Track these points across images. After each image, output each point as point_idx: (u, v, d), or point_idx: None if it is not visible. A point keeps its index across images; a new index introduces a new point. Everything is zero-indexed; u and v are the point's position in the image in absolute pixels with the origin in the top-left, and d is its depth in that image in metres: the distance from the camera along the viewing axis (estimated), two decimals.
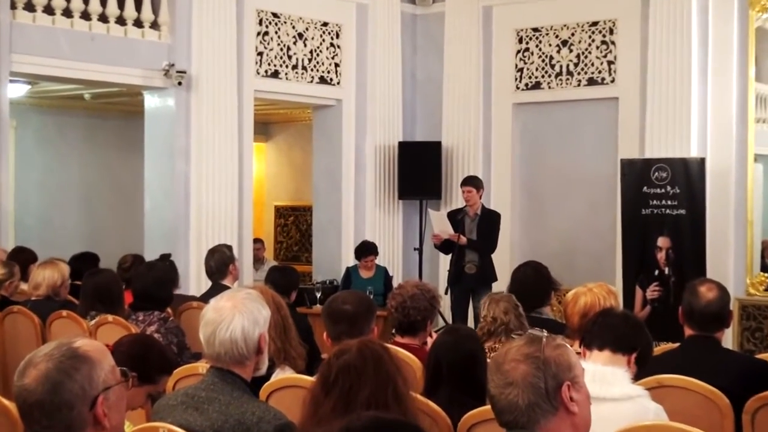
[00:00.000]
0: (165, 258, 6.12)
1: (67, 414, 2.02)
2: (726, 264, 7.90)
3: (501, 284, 7.10)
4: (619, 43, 8.84)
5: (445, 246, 8.16)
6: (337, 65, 9.42)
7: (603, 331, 3.12)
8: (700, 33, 8.20)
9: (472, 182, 8.20)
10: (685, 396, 3.37)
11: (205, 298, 5.29)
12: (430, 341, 4.05)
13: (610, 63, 8.92)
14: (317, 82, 9.27)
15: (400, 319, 4.14)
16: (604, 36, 8.96)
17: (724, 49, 8.12)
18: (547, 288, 4.90)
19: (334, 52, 9.40)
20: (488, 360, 3.31)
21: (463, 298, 8.09)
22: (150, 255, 7.19)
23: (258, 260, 10.09)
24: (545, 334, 2.24)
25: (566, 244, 9.13)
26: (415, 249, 9.43)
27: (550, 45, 9.28)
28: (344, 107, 9.45)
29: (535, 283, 4.87)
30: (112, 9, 7.78)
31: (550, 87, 9.28)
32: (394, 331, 4.26)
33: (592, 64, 9.03)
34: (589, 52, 9.04)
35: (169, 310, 5.37)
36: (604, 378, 2.85)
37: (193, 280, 7.96)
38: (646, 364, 3.15)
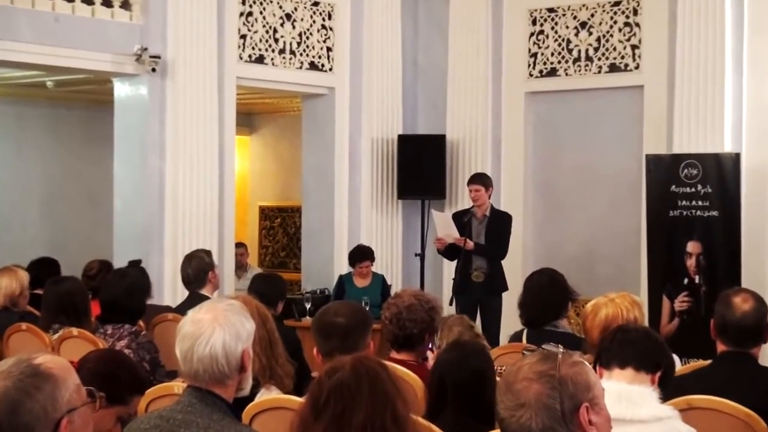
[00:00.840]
0: (135, 264, 6.12)
1: None
2: (763, 272, 7.90)
3: (512, 294, 7.09)
4: (645, 25, 8.84)
5: (449, 251, 8.16)
6: (329, 49, 9.42)
7: (623, 347, 3.11)
8: (734, 14, 8.21)
9: (480, 180, 8.20)
10: (718, 419, 3.37)
11: (182, 309, 5.29)
12: (431, 357, 4.05)
13: (634, 47, 8.93)
14: (307, 69, 9.27)
15: (394, 331, 4.15)
16: (627, 17, 8.97)
17: (761, 32, 8.13)
18: (563, 298, 4.90)
19: (325, 35, 9.40)
20: (498, 378, 3.31)
21: (469, 310, 8.07)
22: (119, 261, 7.18)
23: (240, 267, 10.08)
24: (561, 350, 2.24)
25: (585, 249, 9.13)
26: (416, 255, 9.42)
27: (567, 27, 9.29)
28: (337, 96, 9.45)
29: (550, 293, 4.87)
30: None
31: (567, 74, 9.29)
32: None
33: (614, 49, 9.03)
34: (611, 35, 9.05)
35: (141, 322, 5.37)
36: (631, 398, 2.85)
37: (168, 289, 7.95)
38: (668, 385, 3.15)
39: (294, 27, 9.15)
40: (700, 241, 7.64)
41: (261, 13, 8.92)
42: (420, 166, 9.49)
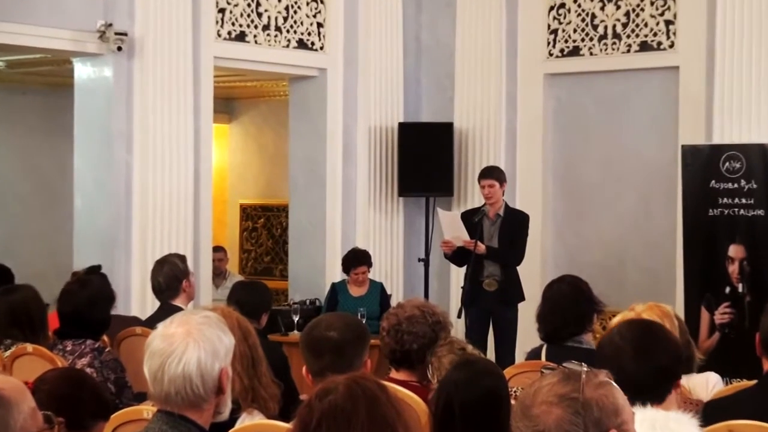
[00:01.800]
0: (93, 271, 6.10)
1: None
2: None
3: (529, 304, 7.10)
4: None
5: (457, 256, 8.16)
6: (319, 25, 9.42)
7: None
8: None
9: (494, 174, 8.20)
10: None
11: (152, 322, 5.29)
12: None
13: (668, 23, 8.93)
14: (294, 47, 9.26)
15: (391, 345, 4.14)
16: None
17: None
18: (587, 310, 4.90)
19: (316, 9, 9.40)
20: (513, 401, 3.30)
21: (480, 323, 8.09)
22: (80, 267, 7.17)
23: (219, 274, 10.07)
24: (585, 368, 2.24)
25: (612, 253, 9.12)
26: (419, 260, 9.43)
27: (591, 0, 9.29)
28: (329, 79, 9.45)
29: (572, 304, 4.87)
30: None
31: (591, 53, 9.29)
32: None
33: (646, 25, 9.03)
34: (642, 10, 9.05)
35: (105, 337, 5.36)
36: (667, 425, 2.85)
37: (136, 299, 7.95)
38: (692, 366, 3.12)
39: (280, 0, 9.15)
40: (744, 244, 7.63)
41: None
42: (424, 158, 9.49)
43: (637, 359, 3.06)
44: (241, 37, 8.91)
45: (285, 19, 9.20)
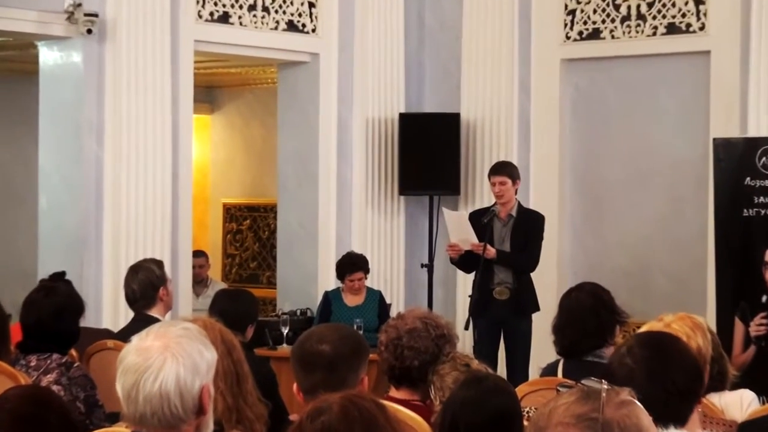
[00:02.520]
0: (57, 278, 6.10)
1: None
2: None
3: (544, 315, 7.10)
4: None
5: (465, 261, 8.16)
6: (311, 5, 9.42)
7: None
8: None
9: (506, 171, 8.20)
10: None
11: (125, 334, 5.28)
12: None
13: (698, 2, 8.93)
14: (284, 30, 9.27)
15: (390, 361, 4.14)
16: None
17: None
18: (608, 321, 4.91)
19: None
20: (525, 423, 3.30)
21: (490, 336, 8.09)
22: (46, 273, 7.17)
23: (200, 281, 10.07)
24: (606, 386, 2.24)
25: (636, 258, 9.13)
26: (422, 265, 9.43)
27: None
28: (322, 65, 9.45)
29: (592, 315, 4.87)
30: None
31: (613, 36, 9.29)
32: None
33: (674, 5, 9.04)
34: None
35: (73, 351, 5.36)
36: None
37: (108, 309, 7.95)
38: (725, 382, 3.11)
39: None
40: None
41: None
42: (428, 152, 9.49)
43: (651, 381, 3.05)
44: (224, 18, 8.91)
45: None
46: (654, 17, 9.12)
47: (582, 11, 9.44)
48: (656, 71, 9.14)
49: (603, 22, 9.35)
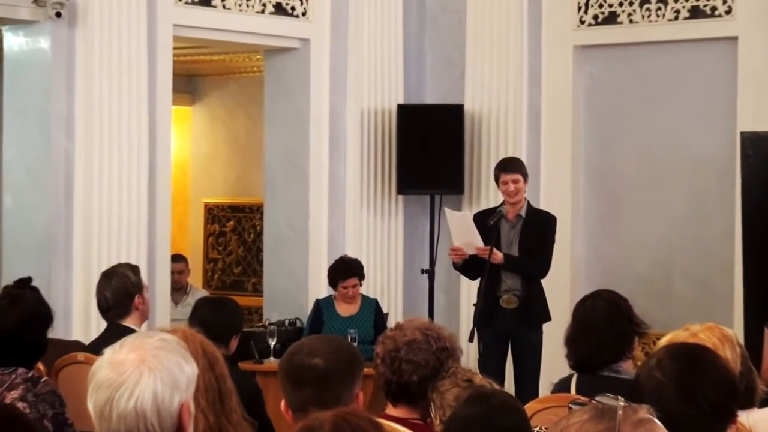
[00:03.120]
0: (23, 285, 6.09)
1: None
2: None
3: (556, 326, 7.10)
4: None
5: (469, 266, 8.16)
6: None
7: None
8: None
9: (517, 167, 8.20)
10: None
11: (97, 346, 5.27)
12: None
13: None
14: (271, 13, 9.26)
15: (387, 376, 4.14)
16: None
17: None
18: (626, 332, 4.91)
19: None
20: None
21: (497, 348, 8.09)
22: (11, 279, 7.16)
23: (179, 288, 10.06)
24: (622, 403, 2.24)
25: (657, 263, 9.13)
26: (422, 271, 9.43)
27: None
28: (313, 51, 9.45)
29: (608, 325, 4.87)
30: None
31: (631, 21, 9.30)
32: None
33: None
34: None
35: (40, 365, 5.35)
36: None
37: (78, 318, 7.95)
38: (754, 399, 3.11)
39: None
40: None
41: None
42: (428, 148, 9.49)
43: (682, 398, 3.05)
44: (206, 1, 8.91)
45: None
46: (677, 0, 9.12)
47: None
48: (678, 59, 9.14)
49: (620, 5, 9.35)
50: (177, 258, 9.83)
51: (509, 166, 8.21)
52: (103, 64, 8.18)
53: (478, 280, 8.12)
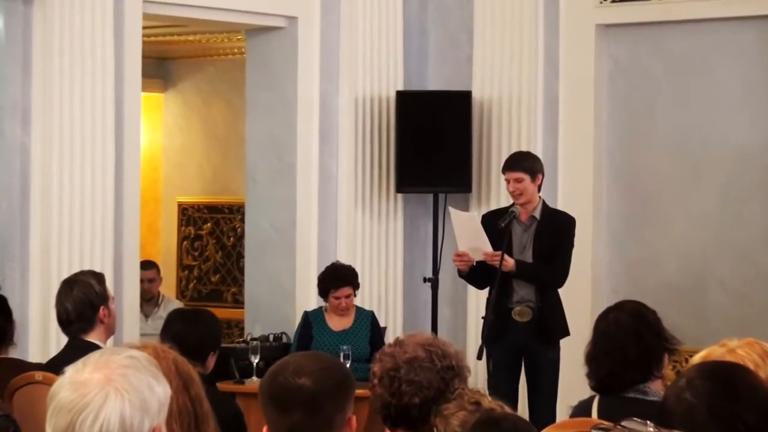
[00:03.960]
0: None
1: None
2: None
3: (575, 341, 7.11)
4: None
5: (477, 274, 8.17)
6: None
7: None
8: None
9: (519, 165, 8.19)
10: None
11: (57, 364, 5.28)
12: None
13: None
14: None
15: (385, 398, 4.14)
16: None
17: None
18: (654, 348, 4.92)
19: None
20: None
21: (509, 366, 8.09)
22: None
23: (150, 299, 10.06)
24: (651, 429, 2.25)
25: (689, 271, 9.14)
26: (425, 279, 9.43)
27: None
28: (301, 32, 9.47)
29: (634, 341, 4.88)
30: None
31: None
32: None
33: None
34: None
35: None
36: None
37: (36, 333, 7.95)
38: None
39: None
40: None
41: None
42: (431, 140, 9.50)
43: (716, 422, 3.06)
44: None
45: None
46: None
47: None
48: (713, 40, 9.15)
49: None
50: (147, 265, 9.83)
51: (510, 164, 8.20)
52: (64, 45, 8.18)
53: (487, 290, 8.13)
